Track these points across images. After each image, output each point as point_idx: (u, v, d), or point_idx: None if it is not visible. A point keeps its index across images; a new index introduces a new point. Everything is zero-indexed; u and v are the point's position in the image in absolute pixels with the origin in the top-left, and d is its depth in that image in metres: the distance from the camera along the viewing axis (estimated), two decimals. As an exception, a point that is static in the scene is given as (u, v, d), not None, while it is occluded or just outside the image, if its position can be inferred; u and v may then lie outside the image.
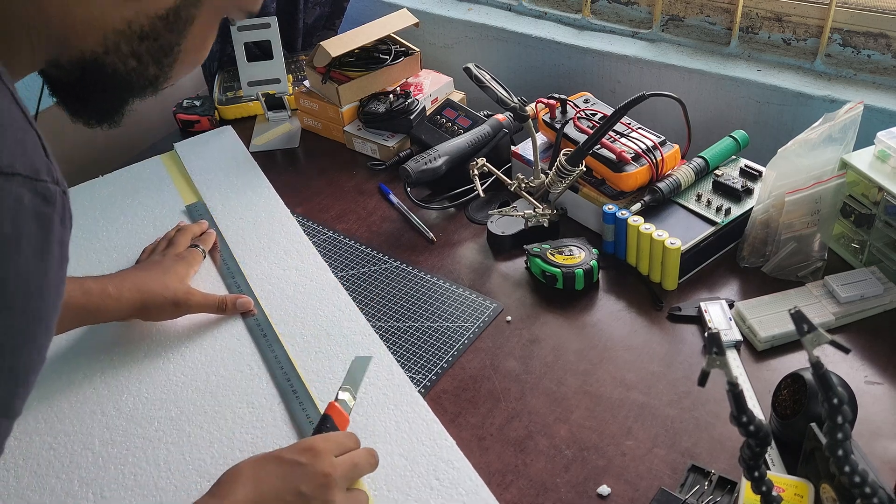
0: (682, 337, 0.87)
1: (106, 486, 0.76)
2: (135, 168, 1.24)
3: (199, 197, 1.15)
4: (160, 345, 0.91)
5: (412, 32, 1.34)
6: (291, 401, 0.82)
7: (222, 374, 0.87)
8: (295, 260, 1.02)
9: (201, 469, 0.77)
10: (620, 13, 1.28)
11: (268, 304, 0.95)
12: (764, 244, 0.93)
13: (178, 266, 0.94)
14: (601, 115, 1.07)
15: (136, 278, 0.89)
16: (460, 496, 0.72)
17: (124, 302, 0.86)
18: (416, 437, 0.77)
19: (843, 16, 1.06)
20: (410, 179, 1.03)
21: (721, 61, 1.14)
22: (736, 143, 1.02)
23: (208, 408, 0.83)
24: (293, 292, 0.97)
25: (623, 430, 0.77)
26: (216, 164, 1.23)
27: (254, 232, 1.08)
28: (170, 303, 0.88)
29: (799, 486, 0.66)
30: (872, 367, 0.81)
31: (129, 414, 0.83)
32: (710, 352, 0.55)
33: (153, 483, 0.76)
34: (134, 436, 0.81)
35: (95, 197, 1.17)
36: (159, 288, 0.88)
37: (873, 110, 0.99)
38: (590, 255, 0.94)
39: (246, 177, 1.20)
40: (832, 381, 0.55)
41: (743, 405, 0.56)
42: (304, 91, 1.29)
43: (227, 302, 0.92)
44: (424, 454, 0.76)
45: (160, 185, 1.20)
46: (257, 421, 0.81)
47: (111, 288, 0.85)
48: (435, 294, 0.96)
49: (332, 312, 0.94)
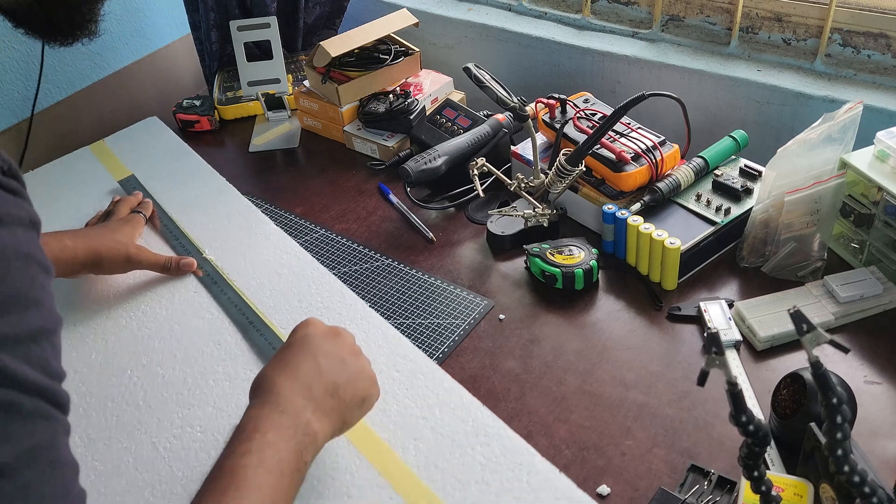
0: (681, 337, 0.87)
1: (91, 429, 0.79)
2: (64, 160, 1.27)
3: (131, 172, 1.20)
4: (119, 304, 0.95)
5: (412, 32, 1.34)
6: (251, 332, 0.89)
7: (184, 322, 0.92)
8: (238, 218, 1.09)
9: (181, 400, 0.82)
10: (620, 13, 1.28)
11: (215, 256, 1.01)
12: (763, 244, 0.93)
13: (124, 227, 0.99)
14: (601, 115, 1.07)
15: (88, 236, 0.94)
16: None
17: (80, 253, 0.90)
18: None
19: (844, 16, 1.06)
20: (410, 179, 1.03)
21: (721, 61, 1.14)
22: (735, 143, 1.02)
23: (177, 352, 0.88)
24: (238, 244, 1.04)
25: (622, 430, 0.77)
26: (147, 148, 1.27)
27: (191, 197, 1.14)
28: (122, 256, 0.93)
29: (798, 486, 0.66)
30: (872, 367, 0.81)
31: (100, 367, 0.87)
32: (710, 351, 0.55)
33: (136, 420, 0.80)
34: (109, 385, 0.84)
35: (32, 191, 1.19)
36: (111, 243, 0.94)
37: (873, 110, 0.99)
38: (589, 254, 0.94)
39: (177, 155, 1.25)
40: (831, 381, 0.55)
41: (742, 405, 0.56)
42: (304, 91, 1.29)
43: (173, 262, 0.97)
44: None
45: (93, 171, 1.23)
46: (225, 354, 0.87)
47: (67, 240, 0.90)
48: (428, 292, 0.96)
49: (279, 256, 1.01)
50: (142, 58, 1.52)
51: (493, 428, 0.75)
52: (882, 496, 0.56)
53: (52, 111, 1.38)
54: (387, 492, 0.70)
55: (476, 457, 0.73)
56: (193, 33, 1.44)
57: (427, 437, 0.75)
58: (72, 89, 1.41)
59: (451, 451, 0.73)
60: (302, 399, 0.64)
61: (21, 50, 1.30)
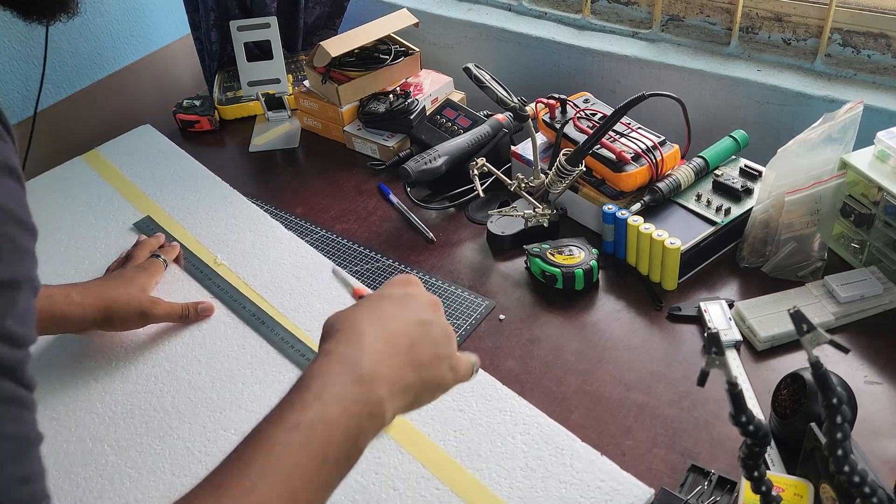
0: (681, 337, 0.87)
1: (121, 437, 0.79)
2: (56, 171, 1.24)
3: (141, 194, 1.17)
4: (134, 334, 0.92)
5: (412, 32, 1.34)
6: (270, 334, 0.90)
7: (203, 326, 0.92)
8: (245, 221, 1.09)
9: (211, 404, 0.81)
10: (620, 13, 1.28)
11: (228, 262, 1.01)
12: (764, 244, 0.93)
13: (139, 276, 0.93)
14: (601, 115, 1.07)
15: (100, 288, 0.88)
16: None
17: (88, 309, 0.84)
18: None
19: (844, 16, 1.06)
20: (410, 179, 1.03)
21: (721, 61, 1.14)
22: (736, 143, 1.02)
23: (201, 356, 0.88)
24: (250, 247, 1.04)
25: (623, 430, 0.77)
26: (143, 155, 1.26)
27: (193, 201, 1.13)
28: (135, 312, 0.88)
29: (798, 486, 0.66)
30: (872, 367, 0.81)
31: (122, 375, 0.87)
32: (710, 352, 0.55)
33: (167, 425, 0.80)
34: (134, 392, 0.84)
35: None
36: (124, 297, 0.88)
37: (873, 110, 0.99)
38: (589, 254, 0.94)
39: (174, 160, 1.24)
40: (831, 381, 0.55)
41: (742, 405, 0.56)
42: (304, 91, 1.29)
43: (190, 309, 0.92)
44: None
45: (94, 187, 1.19)
46: (251, 357, 0.87)
47: (76, 295, 0.84)
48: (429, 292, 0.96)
49: (294, 259, 1.01)
50: (142, 58, 1.52)
51: (531, 416, 0.77)
52: (882, 496, 0.56)
53: (51, 111, 1.38)
54: (433, 483, 0.71)
55: (518, 444, 0.74)
56: (193, 33, 1.44)
57: (467, 429, 0.76)
58: (72, 89, 1.41)
59: (492, 441, 0.74)
60: (386, 369, 0.54)
61: (20, 50, 1.30)
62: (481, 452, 0.73)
